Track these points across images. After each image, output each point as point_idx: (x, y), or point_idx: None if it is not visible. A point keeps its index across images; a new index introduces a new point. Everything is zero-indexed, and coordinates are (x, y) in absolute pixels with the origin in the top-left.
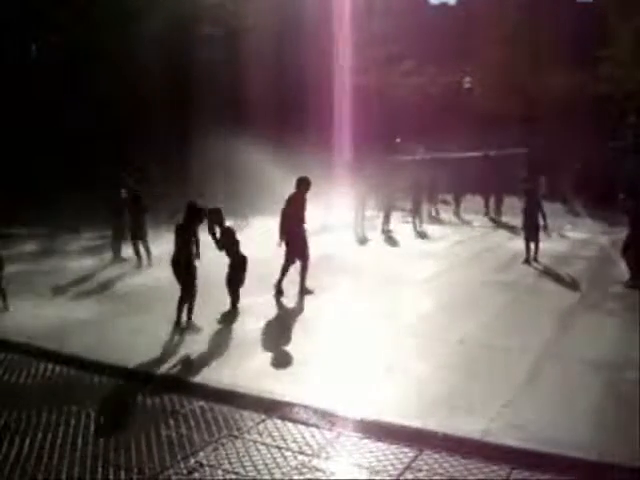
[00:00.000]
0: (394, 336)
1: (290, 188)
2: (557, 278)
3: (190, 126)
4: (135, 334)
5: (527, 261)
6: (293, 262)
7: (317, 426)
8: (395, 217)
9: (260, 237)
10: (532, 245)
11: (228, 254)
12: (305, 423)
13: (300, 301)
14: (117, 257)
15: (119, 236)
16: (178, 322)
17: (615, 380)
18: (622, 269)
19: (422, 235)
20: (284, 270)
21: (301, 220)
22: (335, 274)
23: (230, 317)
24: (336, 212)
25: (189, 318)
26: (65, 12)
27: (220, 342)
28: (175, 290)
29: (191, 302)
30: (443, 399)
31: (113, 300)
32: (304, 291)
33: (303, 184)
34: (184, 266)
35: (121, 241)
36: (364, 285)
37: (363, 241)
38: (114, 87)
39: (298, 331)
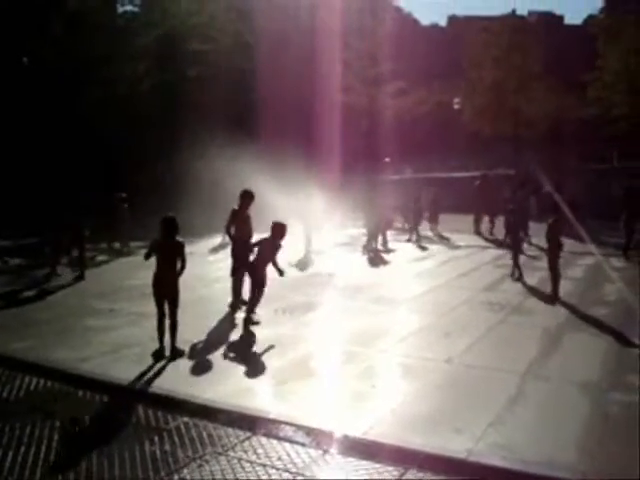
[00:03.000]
0: (380, 354)
1: (277, 205)
2: (544, 297)
3: (178, 142)
4: None
5: (512, 276)
6: (242, 277)
7: (302, 444)
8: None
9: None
10: (515, 261)
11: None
12: (290, 441)
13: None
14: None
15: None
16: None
17: (600, 400)
18: (611, 288)
19: (409, 254)
20: (237, 288)
21: (247, 233)
22: (321, 291)
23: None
24: (323, 231)
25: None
26: (57, 24)
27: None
28: None
29: (175, 324)
30: (429, 418)
31: None
32: (241, 304)
33: (246, 197)
34: (171, 285)
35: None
36: (351, 303)
37: (348, 260)
38: (104, 100)
39: (284, 346)
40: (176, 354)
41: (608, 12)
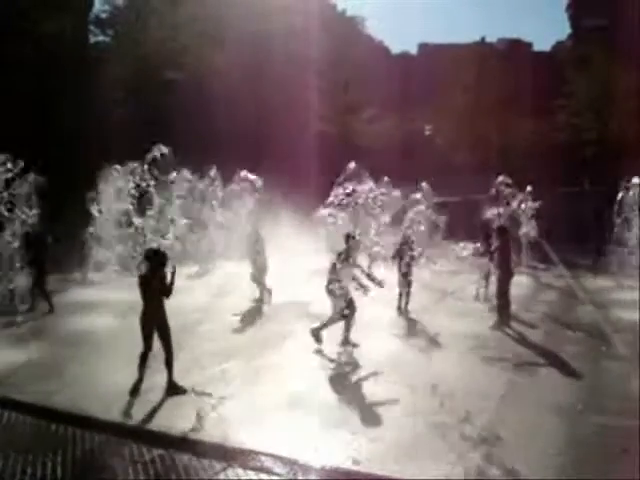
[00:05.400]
0: (355, 383)
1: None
2: (517, 322)
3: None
4: None
5: (477, 297)
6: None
7: (280, 475)
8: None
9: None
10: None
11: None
12: (268, 471)
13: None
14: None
15: None
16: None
17: (573, 424)
18: (583, 311)
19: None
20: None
21: None
22: (295, 320)
23: None
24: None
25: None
26: (30, 53)
27: None
28: None
29: (171, 360)
30: (406, 446)
31: None
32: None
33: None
34: (162, 319)
35: None
36: (325, 332)
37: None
38: (76, 126)
39: (261, 377)
40: (176, 391)
41: (575, 39)
